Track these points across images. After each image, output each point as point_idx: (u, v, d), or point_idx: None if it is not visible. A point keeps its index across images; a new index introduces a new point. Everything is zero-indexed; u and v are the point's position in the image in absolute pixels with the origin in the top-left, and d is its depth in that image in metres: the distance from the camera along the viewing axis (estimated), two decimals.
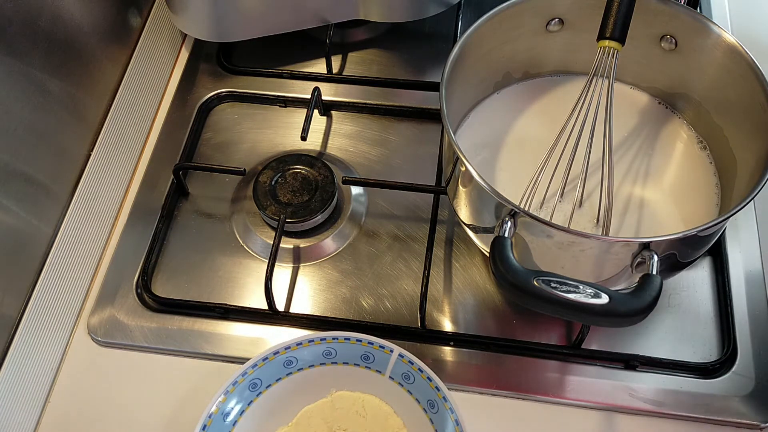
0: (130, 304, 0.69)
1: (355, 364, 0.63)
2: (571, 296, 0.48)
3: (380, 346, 0.62)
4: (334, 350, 0.62)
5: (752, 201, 0.53)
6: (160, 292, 0.70)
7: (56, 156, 0.73)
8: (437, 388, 0.60)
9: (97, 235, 0.73)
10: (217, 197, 0.75)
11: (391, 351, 0.61)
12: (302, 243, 0.72)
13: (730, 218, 0.53)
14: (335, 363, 0.63)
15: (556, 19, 0.66)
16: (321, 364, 0.63)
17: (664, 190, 0.65)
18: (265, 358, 0.61)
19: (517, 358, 0.65)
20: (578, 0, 0.65)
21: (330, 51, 0.82)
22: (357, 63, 0.85)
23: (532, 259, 0.57)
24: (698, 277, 0.69)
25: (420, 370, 0.61)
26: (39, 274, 0.70)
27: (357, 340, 0.62)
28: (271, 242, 0.69)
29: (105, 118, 0.80)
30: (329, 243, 0.72)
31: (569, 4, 0.65)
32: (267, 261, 0.68)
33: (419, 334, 0.67)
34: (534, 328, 0.67)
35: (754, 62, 0.59)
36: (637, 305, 0.49)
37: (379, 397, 0.63)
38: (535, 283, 0.49)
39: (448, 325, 0.67)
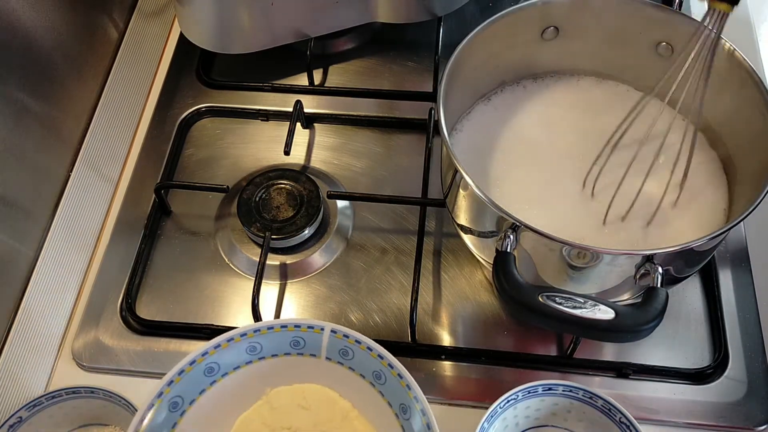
0: (114, 327, 0.68)
1: (285, 354, 0.56)
2: (577, 312, 0.48)
3: (309, 327, 0.56)
4: (259, 344, 0.56)
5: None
6: (145, 314, 0.68)
7: (35, 177, 0.72)
8: (380, 356, 0.54)
9: (80, 256, 0.72)
10: (201, 215, 0.74)
11: (322, 329, 0.55)
12: (289, 259, 0.71)
13: None
14: (263, 358, 0.56)
15: (552, 28, 0.65)
16: (247, 363, 0.56)
17: (672, 194, 0.63)
18: (181, 371, 0.54)
19: (510, 370, 0.65)
20: (573, 8, 0.64)
21: (311, 63, 0.81)
22: (339, 74, 0.84)
23: (535, 269, 0.56)
24: (688, 282, 0.69)
25: (357, 341, 0.55)
26: (21, 299, 0.69)
27: (281, 327, 0.56)
28: (257, 259, 0.68)
29: (84, 137, 0.78)
30: (316, 258, 0.71)
31: (564, 12, 0.64)
32: (254, 279, 0.67)
33: (411, 349, 0.66)
34: (526, 338, 0.66)
35: (752, 69, 0.58)
36: (642, 319, 0.48)
37: (320, 383, 0.57)
38: (540, 299, 0.49)
39: (439, 338, 0.67)
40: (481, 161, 0.65)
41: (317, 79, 0.83)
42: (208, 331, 0.67)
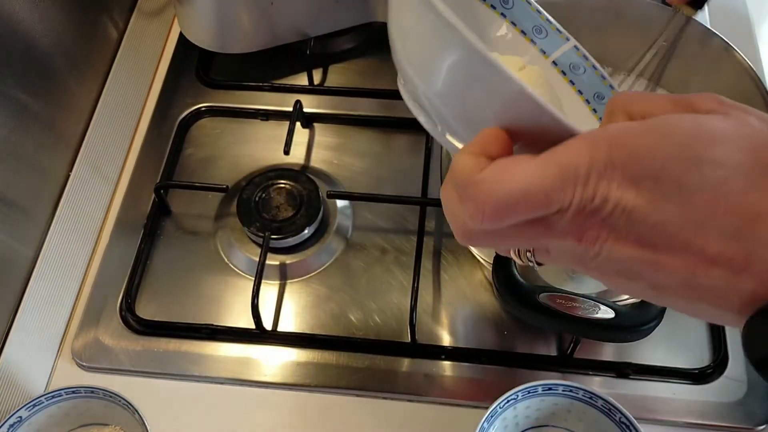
0: (114, 327, 0.68)
1: (522, 32, 0.52)
2: (577, 312, 0.48)
3: (558, 30, 0.52)
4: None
5: None
6: (145, 314, 0.68)
7: (35, 177, 0.72)
8: (611, 87, 0.51)
9: (79, 256, 0.72)
10: (201, 214, 0.74)
11: (567, 39, 0.53)
12: (288, 259, 0.71)
13: None
14: (504, 15, 0.51)
15: None
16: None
17: None
18: None
19: (510, 370, 0.65)
20: (571, 7, 0.64)
21: (311, 62, 0.81)
22: (339, 73, 0.84)
23: (534, 270, 0.56)
24: None
25: (594, 67, 0.52)
26: (21, 299, 0.69)
27: (537, 11, 0.52)
28: (257, 259, 0.68)
29: (84, 137, 0.79)
30: (316, 258, 0.71)
31: (562, 11, 0.64)
32: (253, 278, 0.67)
33: (410, 349, 0.66)
34: (526, 338, 0.66)
35: (752, 69, 0.58)
36: (642, 319, 0.49)
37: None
38: (540, 299, 0.49)
39: (439, 338, 0.67)
40: None
41: (317, 79, 0.83)
42: (207, 331, 0.67)
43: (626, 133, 0.31)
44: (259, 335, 0.67)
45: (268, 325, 0.67)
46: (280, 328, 0.68)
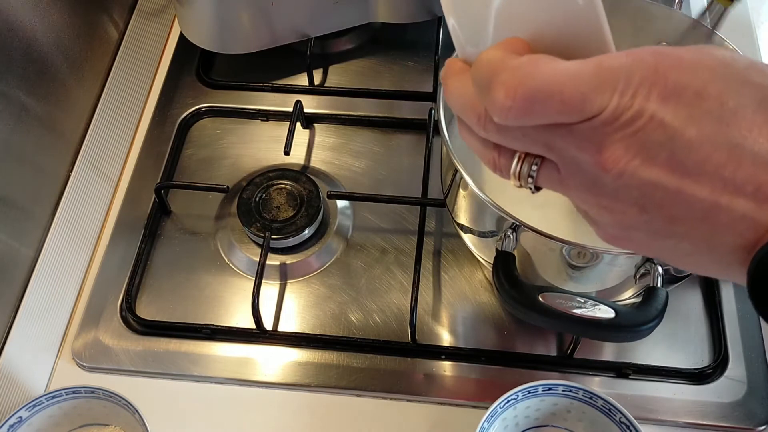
0: (114, 327, 0.68)
1: None
2: (577, 311, 0.48)
3: None
4: None
5: None
6: (145, 314, 0.68)
7: (35, 177, 0.72)
8: None
9: (80, 256, 0.72)
10: (201, 215, 0.74)
11: None
12: (289, 259, 0.71)
13: None
14: None
15: None
16: None
17: None
18: None
19: (510, 370, 0.65)
20: None
21: (311, 63, 0.81)
22: (339, 74, 0.84)
23: (535, 268, 0.56)
24: (688, 282, 0.69)
25: None
26: (21, 299, 0.69)
27: None
28: (257, 259, 0.68)
29: (84, 137, 0.79)
30: (316, 258, 0.71)
31: None
32: (253, 279, 0.67)
33: (411, 349, 0.66)
34: (526, 338, 0.66)
35: None
36: (642, 319, 0.49)
37: None
38: (540, 299, 0.49)
39: (439, 338, 0.67)
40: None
41: (317, 79, 0.83)
42: (207, 331, 0.67)
43: (672, 49, 0.30)
44: (259, 335, 0.67)
45: (268, 325, 0.67)
46: (281, 328, 0.68)
